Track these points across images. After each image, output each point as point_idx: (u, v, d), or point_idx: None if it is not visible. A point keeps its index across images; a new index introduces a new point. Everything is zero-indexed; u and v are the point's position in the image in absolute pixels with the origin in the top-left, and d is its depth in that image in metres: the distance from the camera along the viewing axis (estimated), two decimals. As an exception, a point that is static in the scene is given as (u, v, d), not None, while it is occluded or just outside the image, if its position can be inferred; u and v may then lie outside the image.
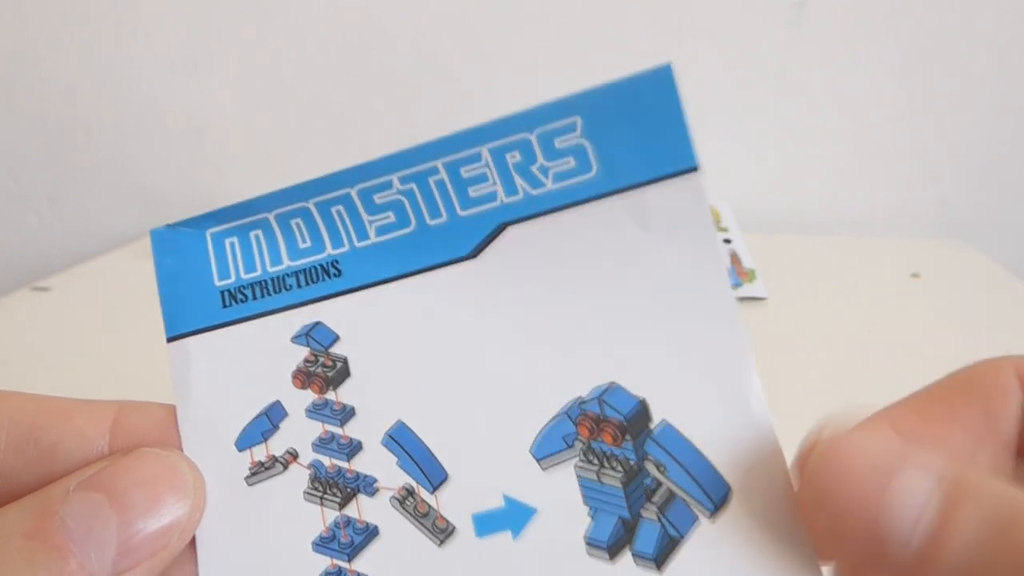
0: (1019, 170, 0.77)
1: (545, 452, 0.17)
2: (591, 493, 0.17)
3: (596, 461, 0.17)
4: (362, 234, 0.18)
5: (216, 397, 0.19)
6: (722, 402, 0.16)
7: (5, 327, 0.55)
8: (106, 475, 0.16)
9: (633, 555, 0.16)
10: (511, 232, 0.18)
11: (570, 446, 0.17)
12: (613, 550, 0.16)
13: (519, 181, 0.17)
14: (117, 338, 0.52)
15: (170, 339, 0.19)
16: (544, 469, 0.17)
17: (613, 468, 0.17)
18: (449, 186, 0.18)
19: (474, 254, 0.18)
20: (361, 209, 0.18)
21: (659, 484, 0.17)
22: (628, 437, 0.17)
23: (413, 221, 0.18)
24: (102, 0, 0.83)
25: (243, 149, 0.82)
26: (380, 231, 0.18)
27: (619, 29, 0.78)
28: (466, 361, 0.18)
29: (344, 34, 0.79)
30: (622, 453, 0.17)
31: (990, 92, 0.76)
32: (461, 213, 0.18)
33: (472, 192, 0.18)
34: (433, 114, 0.78)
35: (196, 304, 0.19)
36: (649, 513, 0.17)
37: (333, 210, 0.19)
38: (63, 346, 0.51)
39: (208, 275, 0.19)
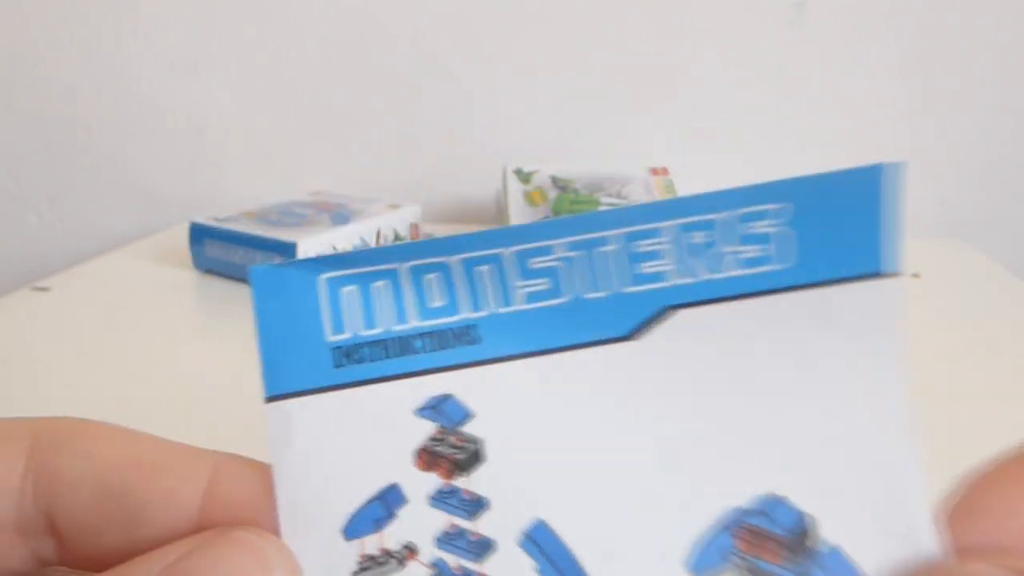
0: (1019, 170, 0.77)
1: (702, 567, 0.15)
2: None
3: None
4: (507, 299, 0.16)
5: (322, 473, 0.16)
6: (886, 527, 0.15)
7: (5, 327, 0.55)
8: (191, 568, 0.14)
9: None
10: (677, 316, 0.16)
11: (730, 562, 0.15)
12: None
13: (697, 263, 0.16)
14: (118, 338, 0.52)
15: (269, 399, 0.16)
16: None
17: None
18: (618, 259, 0.16)
19: (632, 335, 0.16)
20: (512, 272, 0.16)
21: None
22: (791, 556, 0.15)
23: (569, 292, 0.16)
24: (102, 0, 0.83)
25: (243, 149, 0.82)
26: (529, 299, 0.16)
27: (619, 29, 0.78)
28: (617, 454, 0.16)
29: (344, 34, 0.79)
30: (784, 574, 0.15)
31: (990, 92, 0.76)
32: (624, 289, 0.16)
33: (642, 269, 0.16)
34: (433, 114, 0.78)
35: (303, 361, 0.16)
36: None
37: (478, 269, 0.16)
38: (63, 346, 0.51)
39: (319, 328, 0.16)
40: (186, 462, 0.16)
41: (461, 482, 0.16)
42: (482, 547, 0.16)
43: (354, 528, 0.16)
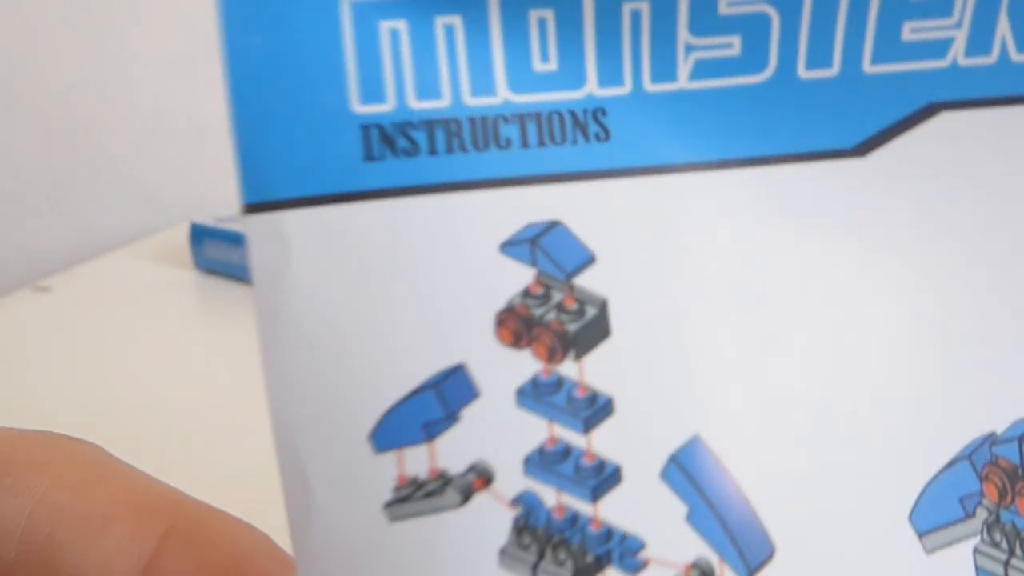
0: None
1: (932, 521, 0.10)
2: None
3: (1005, 544, 0.10)
4: (665, 69, 0.09)
5: (338, 340, 0.09)
6: None
7: (5, 327, 0.54)
8: None
9: None
10: (945, 120, 0.09)
11: (970, 514, 0.10)
12: None
13: (1005, 26, 0.09)
14: (119, 339, 0.52)
15: (250, 208, 0.10)
16: (928, 551, 0.10)
17: None
18: (874, 12, 0.09)
19: (867, 147, 0.10)
20: (683, 18, 0.09)
21: None
22: None
23: (772, 62, 0.09)
24: (102, 0, 0.83)
25: (243, 149, 0.82)
26: (701, 70, 0.09)
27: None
28: (820, 339, 0.10)
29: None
30: None
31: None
32: (868, 69, 0.09)
33: (911, 33, 0.09)
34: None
35: (311, 145, 0.10)
36: None
37: (627, 8, 0.09)
38: (63, 347, 0.51)
39: (340, 90, 0.09)
40: (134, 520, 0.12)
41: (572, 368, 0.10)
42: (601, 477, 0.10)
43: (389, 433, 0.10)
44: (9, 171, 0.90)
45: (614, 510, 0.10)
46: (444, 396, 0.10)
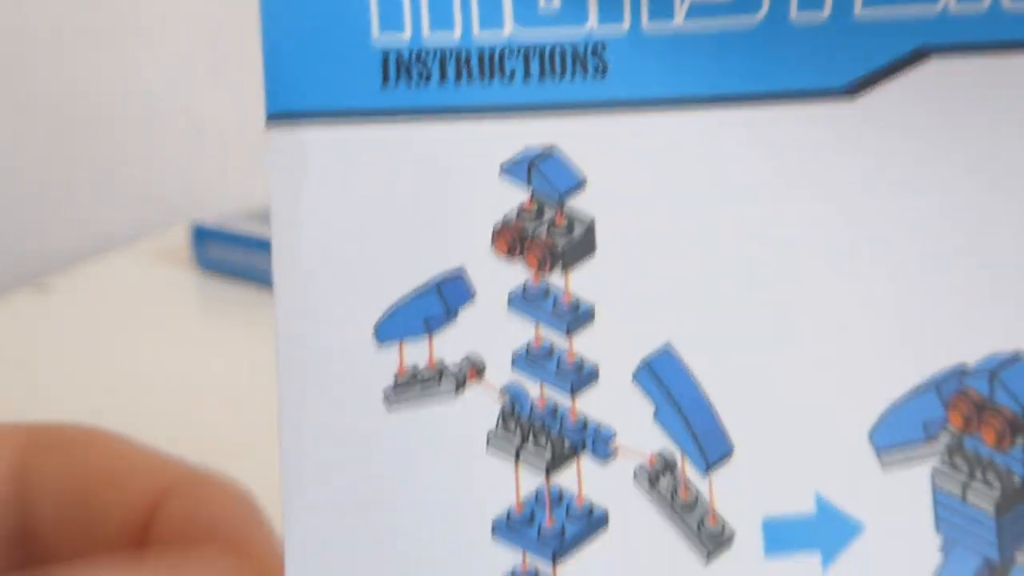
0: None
1: (891, 439, 0.11)
2: (948, 514, 0.10)
3: (965, 467, 0.11)
4: (662, 8, 0.10)
5: (347, 242, 0.11)
6: None
7: (5, 327, 0.54)
8: None
9: None
10: (935, 65, 0.10)
11: (931, 437, 0.11)
12: None
13: None
14: (119, 339, 0.52)
15: (272, 119, 0.11)
16: (884, 466, 0.11)
17: (987, 482, 0.10)
18: None
19: (855, 89, 0.10)
20: None
21: None
22: (1021, 440, 0.11)
23: (764, 5, 0.10)
24: (102, 0, 0.83)
25: (243, 149, 0.82)
26: (696, 10, 0.10)
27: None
28: (797, 265, 0.11)
29: (344, 34, 0.79)
30: (1006, 462, 0.11)
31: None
32: (859, 12, 0.10)
33: None
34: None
35: (332, 68, 0.11)
36: None
37: None
38: (63, 347, 0.51)
39: (363, 19, 0.10)
40: (147, 469, 0.13)
41: (558, 279, 0.11)
42: (580, 374, 0.11)
43: (392, 327, 0.11)
44: (9, 171, 0.90)
45: (590, 404, 0.11)
46: (444, 295, 0.11)
